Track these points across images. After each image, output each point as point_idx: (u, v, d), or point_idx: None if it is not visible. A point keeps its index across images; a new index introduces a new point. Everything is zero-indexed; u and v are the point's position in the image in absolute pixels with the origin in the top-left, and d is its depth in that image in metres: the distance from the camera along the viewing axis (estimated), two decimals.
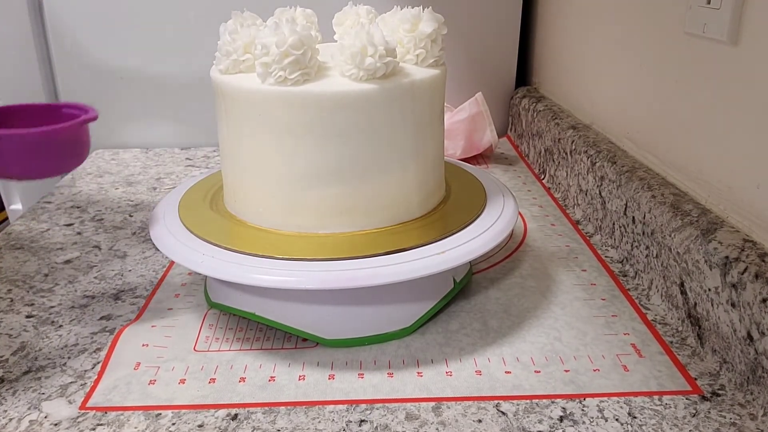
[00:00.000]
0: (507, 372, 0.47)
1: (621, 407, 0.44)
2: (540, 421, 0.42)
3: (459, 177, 0.63)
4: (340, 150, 0.49)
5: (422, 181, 0.54)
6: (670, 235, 0.54)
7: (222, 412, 0.44)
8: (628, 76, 0.70)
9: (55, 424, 0.43)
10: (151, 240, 0.53)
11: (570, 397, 0.45)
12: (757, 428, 0.41)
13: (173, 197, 0.59)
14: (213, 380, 0.47)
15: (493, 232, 0.51)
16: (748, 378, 0.44)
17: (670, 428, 0.42)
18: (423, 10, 0.53)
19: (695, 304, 0.50)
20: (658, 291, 0.56)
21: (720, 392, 0.45)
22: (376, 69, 0.47)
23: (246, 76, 0.50)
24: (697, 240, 0.50)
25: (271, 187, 0.51)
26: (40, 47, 0.97)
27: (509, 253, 0.66)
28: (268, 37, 0.47)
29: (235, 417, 0.43)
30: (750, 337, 0.43)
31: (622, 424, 0.42)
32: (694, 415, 0.43)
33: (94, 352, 0.51)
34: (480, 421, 0.43)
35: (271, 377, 0.47)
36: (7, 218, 1.06)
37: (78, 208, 0.79)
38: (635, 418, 0.43)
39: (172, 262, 0.64)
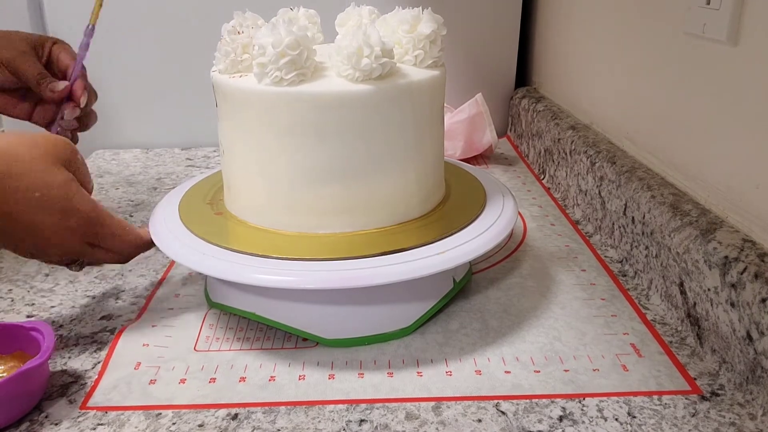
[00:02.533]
0: (507, 372, 0.47)
1: (620, 407, 0.44)
2: (540, 421, 0.43)
3: (459, 177, 0.63)
4: (339, 150, 0.49)
5: (422, 181, 0.54)
6: (669, 235, 0.54)
7: (222, 412, 0.44)
8: (627, 77, 0.70)
9: (56, 424, 0.43)
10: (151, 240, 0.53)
11: (569, 397, 0.45)
12: (757, 428, 0.42)
13: (174, 197, 0.59)
14: (213, 380, 0.47)
15: (493, 232, 0.51)
16: (748, 378, 0.44)
17: (670, 428, 0.42)
18: (423, 11, 0.53)
19: (695, 303, 0.50)
20: (657, 291, 0.57)
21: (719, 392, 0.45)
22: (372, 70, 0.47)
23: (245, 77, 0.50)
24: (696, 240, 0.50)
25: (271, 188, 0.51)
26: None
27: (509, 253, 0.66)
28: (265, 38, 0.47)
29: (235, 417, 0.43)
30: (749, 336, 0.43)
31: (621, 424, 0.42)
32: (693, 415, 0.43)
33: (95, 351, 0.51)
34: (480, 420, 0.43)
35: (272, 377, 0.47)
36: None
37: None
38: (635, 417, 0.43)
39: (172, 262, 0.65)
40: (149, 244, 0.53)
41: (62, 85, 0.63)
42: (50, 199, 0.47)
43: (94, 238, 0.50)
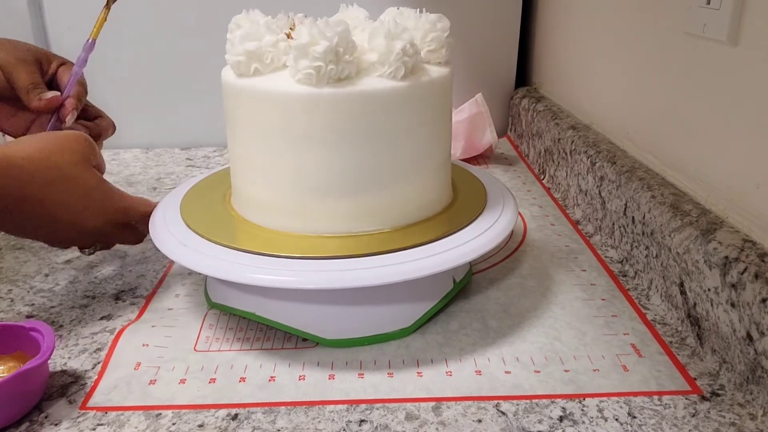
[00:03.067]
0: (507, 372, 0.47)
1: (621, 407, 0.44)
2: (540, 421, 0.43)
3: (459, 177, 0.63)
4: (354, 158, 0.49)
5: (433, 185, 0.53)
6: (669, 235, 0.54)
7: (222, 412, 0.44)
8: (628, 76, 0.70)
9: (56, 424, 0.43)
10: (151, 240, 0.53)
11: (570, 397, 0.45)
12: (757, 428, 0.42)
13: (173, 197, 0.59)
14: (213, 380, 0.47)
15: (493, 232, 0.51)
16: (748, 378, 0.44)
17: (670, 428, 0.42)
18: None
19: (695, 304, 0.50)
20: (657, 291, 0.57)
21: (719, 392, 0.45)
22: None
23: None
24: (696, 240, 0.50)
25: (279, 193, 0.51)
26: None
27: (509, 253, 0.66)
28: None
29: (235, 417, 0.43)
30: (749, 337, 0.43)
31: (621, 424, 0.42)
32: (693, 415, 0.43)
33: (95, 352, 0.51)
34: (480, 421, 0.43)
35: (272, 377, 0.47)
36: None
37: None
38: (635, 418, 0.43)
39: (172, 262, 0.65)
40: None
41: (50, 94, 0.60)
42: (88, 202, 0.53)
43: (126, 222, 0.56)
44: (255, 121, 0.50)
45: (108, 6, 0.64)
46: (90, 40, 0.63)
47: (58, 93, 0.61)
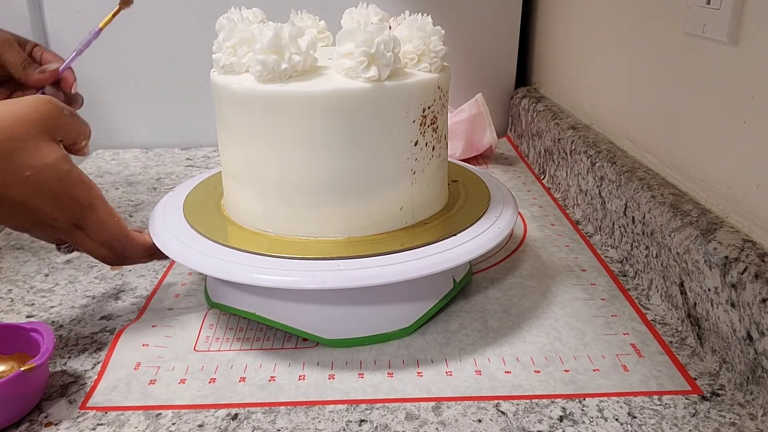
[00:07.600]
0: (507, 372, 0.47)
1: (621, 407, 0.44)
2: (540, 421, 0.43)
3: (460, 177, 0.62)
4: (338, 161, 0.48)
5: (429, 187, 0.53)
6: (669, 235, 0.54)
7: (222, 412, 0.44)
8: (628, 77, 0.70)
9: (56, 424, 0.43)
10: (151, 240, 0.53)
11: (570, 397, 0.45)
12: (757, 428, 0.42)
13: (173, 197, 0.59)
14: (213, 380, 0.47)
15: (492, 232, 0.51)
16: (748, 378, 0.44)
17: (670, 428, 0.42)
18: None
19: (695, 304, 0.50)
20: (657, 291, 0.57)
21: (719, 392, 0.45)
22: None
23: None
24: (696, 240, 0.50)
25: (264, 198, 0.50)
26: None
27: (509, 253, 0.66)
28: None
29: (235, 417, 0.43)
30: (750, 337, 0.43)
31: (621, 424, 0.42)
32: (693, 415, 0.43)
33: (95, 352, 0.51)
34: (480, 420, 0.43)
35: (271, 377, 0.47)
36: None
37: None
38: (635, 417, 0.43)
39: (172, 262, 0.64)
40: (148, 251, 0.52)
41: (53, 66, 0.60)
42: (41, 180, 0.45)
43: (81, 222, 0.48)
44: (239, 123, 0.49)
45: (125, 3, 0.63)
46: (98, 28, 0.63)
47: (57, 64, 0.61)
